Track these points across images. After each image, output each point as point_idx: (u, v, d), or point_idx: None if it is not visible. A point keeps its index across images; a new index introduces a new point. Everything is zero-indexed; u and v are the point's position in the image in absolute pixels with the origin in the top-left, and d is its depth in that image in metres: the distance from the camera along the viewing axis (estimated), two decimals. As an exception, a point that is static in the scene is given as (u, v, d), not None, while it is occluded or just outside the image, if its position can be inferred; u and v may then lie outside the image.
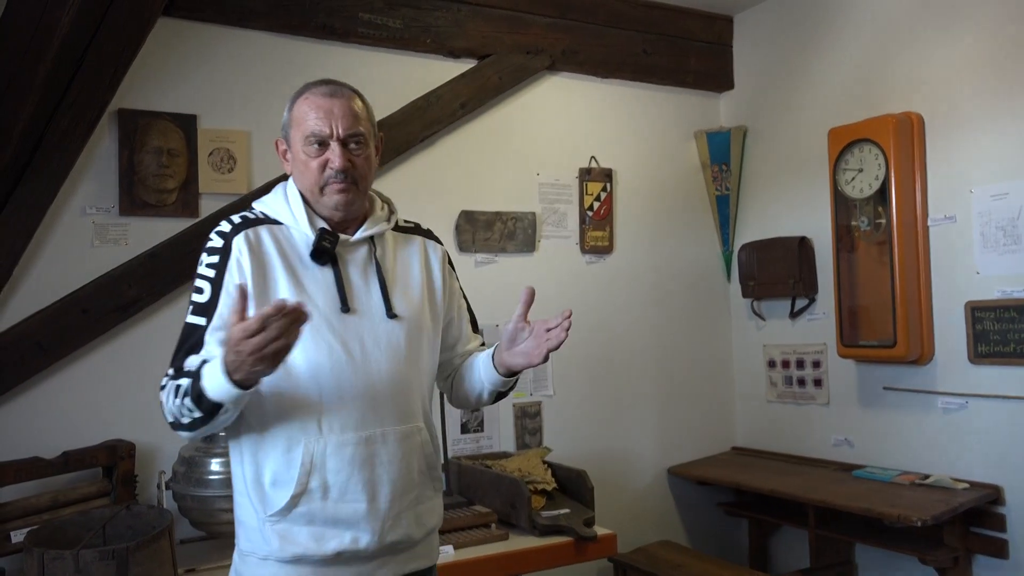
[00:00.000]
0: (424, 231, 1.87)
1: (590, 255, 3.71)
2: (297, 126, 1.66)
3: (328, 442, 1.58)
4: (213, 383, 1.43)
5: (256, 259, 1.61)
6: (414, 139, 3.25)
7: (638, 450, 3.79)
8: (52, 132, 2.57)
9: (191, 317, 1.59)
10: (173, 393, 1.50)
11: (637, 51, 3.81)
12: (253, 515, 1.61)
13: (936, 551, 2.94)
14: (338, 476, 1.58)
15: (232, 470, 1.69)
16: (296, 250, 1.66)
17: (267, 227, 1.66)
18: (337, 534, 1.58)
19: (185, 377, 1.49)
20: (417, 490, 1.68)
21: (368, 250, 1.71)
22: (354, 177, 1.65)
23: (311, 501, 1.57)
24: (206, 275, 1.61)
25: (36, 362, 2.61)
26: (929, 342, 3.16)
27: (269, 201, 1.72)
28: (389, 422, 1.63)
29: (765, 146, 3.90)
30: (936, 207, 3.16)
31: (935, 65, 3.17)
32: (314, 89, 1.67)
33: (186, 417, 1.49)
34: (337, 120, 1.64)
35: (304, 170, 1.66)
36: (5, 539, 2.30)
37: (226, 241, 1.62)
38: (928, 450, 3.20)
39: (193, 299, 1.60)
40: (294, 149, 1.68)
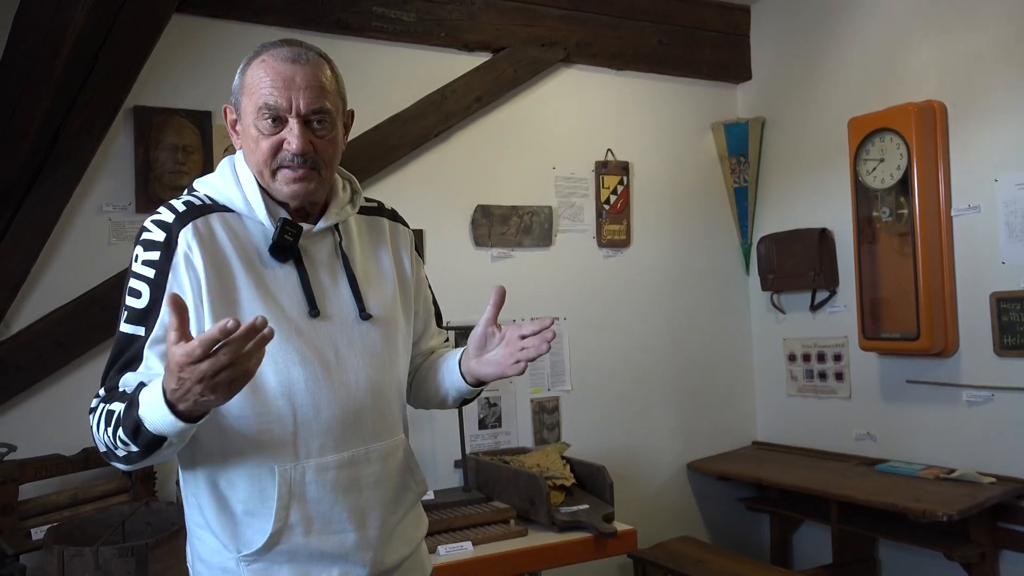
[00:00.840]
0: (389, 211, 1.62)
1: (607, 249, 3.68)
2: (249, 94, 1.36)
3: (307, 467, 1.35)
4: (152, 413, 1.15)
5: (210, 256, 1.34)
6: (429, 133, 3.23)
7: (657, 445, 3.76)
8: (68, 130, 2.57)
9: (125, 326, 1.31)
10: (104, 420, 1.23)
11: (652, 42, 3.78)
12: (222, 553, 1.37)
13: (962, 546, 2.89)
14: (320, 506, 1.36)
15: (185, 500, 1.43)
16: (252, 243, 1.39)
17: (218, 215, 1.39)
18: (324, 570, 1.37)
19: (118, 401, 1.23)
20: (404, 507, 1.50)
21: (332, 241, 1.47)
22: (315, 162, 1.38)
23: (292, 537, 1.35)
24: (143, 274, 1.33)
25: (55, 360, 2.62)
26: (953, 334, 3.11)
27: (215, 183, 1.43)
28: (371, 438, 1.42)
29: (784, 137, 3.85)
30: (960, 197, 3.10)
31: (958, 52, 3.12)
32: (273, 51, 1.37)
33: (120, 450, 1.22)
34: (299, 92, 1.34)
35: (254, 148, 1.37)
36: (26, 536, 2.30)
37: (169, 234, 1.34)
38: (953, 444, 3.15)
39: (128, 303, 1.32)
40: (244, 121, 1.39)
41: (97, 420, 1.26)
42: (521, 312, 3.46)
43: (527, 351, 1.44)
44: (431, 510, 2.78)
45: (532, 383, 3.47)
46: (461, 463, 3.17)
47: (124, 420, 1.20)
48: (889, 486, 3.02)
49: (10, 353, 2.55)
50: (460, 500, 2.89)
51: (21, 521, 2.32)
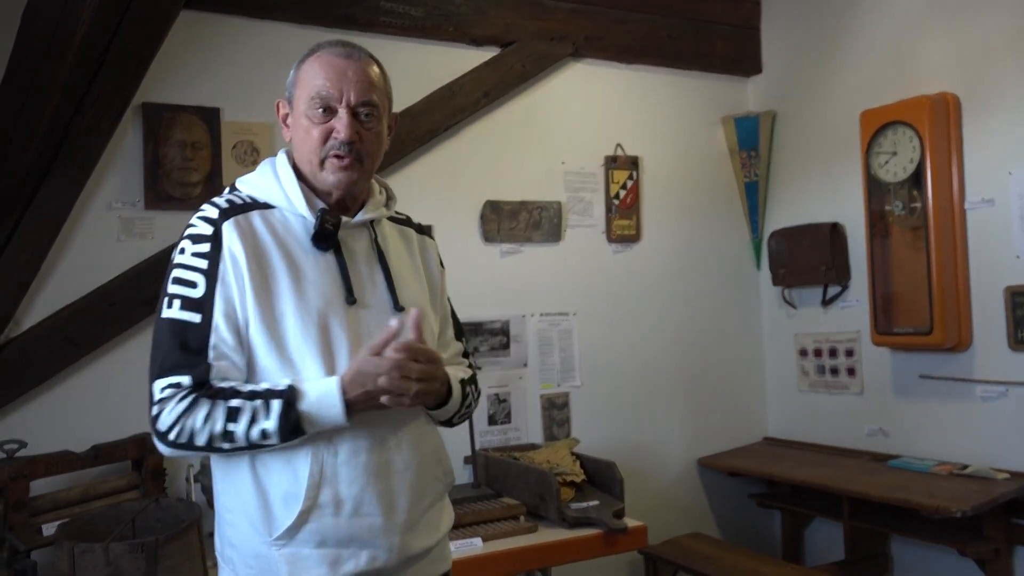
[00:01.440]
0: (416, 225, 1.72)
1: (617, 244, 3.67)
2: (303, 86, 1.48)
3: (340, 450, 1.41)
4: (323, 413, 1.35)
5: (251, 249, 1.43)
6: (438, 128, 3.22)
7: (667, 441, 3.75)
8: (77, 127, 2.57)
9: (180, 313, 1.40)
10: (224, 415, 1.35)
11: (662, 36, 3.75)
12: (254, 537, 1.42)
13: (976, 543, 2.87)
14: (352, 488, 1.41)
15: (217, 487, 1.51)
16: (293, 235, 1.48)
17: (258, 212, 1.48)
18: (352, 554, 1.42)
19: (241, 398, 1.35)
20: (431, 496, 1.54)
21: (369, 237, 1.56)
22: (360, 153, 1.47)
23: (321, 517, 1.40)
24: (196, 266, 1.42)
25: (65, 356, 2.62)
26: (967, 328, 3.08)
27: (255, 180, 1.53)
28: (403, 425, 1.48)
29: (795, 131, 3.82)
30: (974, 190, 3.07)
31: (971, 44, 3.08)
32: (328, 49, 1.49)
33: (229, 442, 1.35)
34: (350, 84, 1.45)
35: (304, 137, 1.48)
36: (36, 532, 2.31)
37: (215, 228, 1.44)
38: (966, 439, 3.12)
39: (179, 292, 1.41)
40: (296, 113, 1.50)
41: (202, 415, 1.35)
42: (531, 308, 3.45)
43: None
44: (441, 506, 2.78)
45: (542, 379, 3.46)
46: (471, 459, 3.17)
47: (280, 419, 1.34)
48: (902, 482, 3.00)
49: (20, 350, 2.56)
50: (470, 496, 2.89)
51: (32, 517, 2.33)
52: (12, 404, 2.57)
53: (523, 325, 3.43)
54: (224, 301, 1.41)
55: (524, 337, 3.43)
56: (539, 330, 3.47)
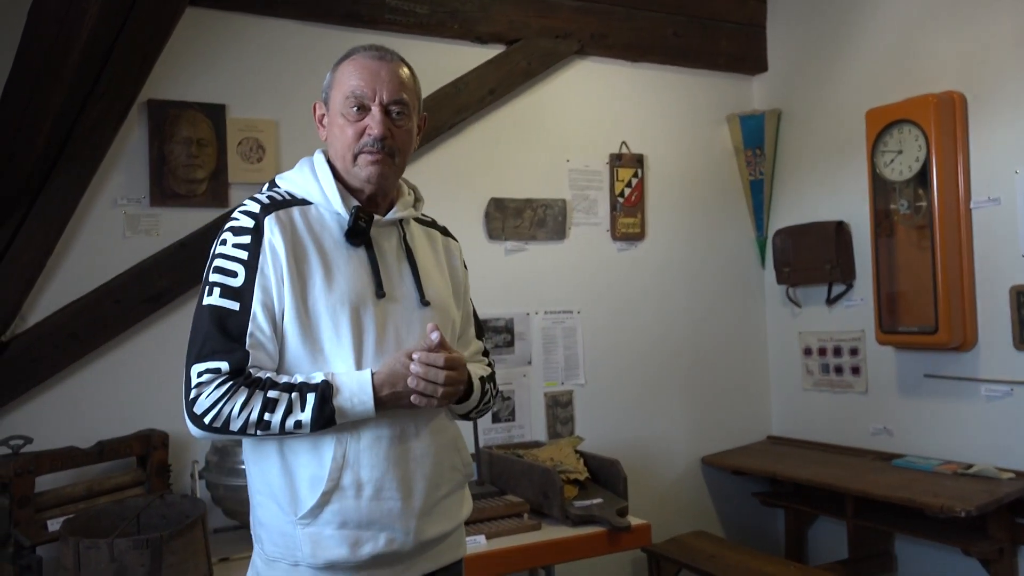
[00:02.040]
0: (440, 228, 1.82)
1: (621, 242, 3.66)
2: (339, 86, 1.58)
3: (363, 437, 1.50)
4: (356, 407, 1.44)
5: (290, 243, 1.52)
6: (443, 126, 3.22)
7: (671, 439, 3.74)
8: (82, 124, 2.57)
9: (220, 300, 1.48)
10: (262, 405, 1.43)
11: (667, 34, 3.75)
12: (280, 517, 1.51)
13: (980, 542, 2.86)
14: (373, 473, 1.50)
15: (249, 469, 1.60)
16: (328, 230, 1.57)
17: (297, 208, 1.57)
18: (371, 536, 1.50)
19: (277, 391, 1.44)
20: (448, 484, 1.62)
21: (398, 235, 1.65)
22: (391, 149, 1.56)
23: (343, 499, 1.48)
24: (237, 256, 1.50)
25: (70, 352, 2.63)
26: (972, 328, 3.07)
27: (294, 177, 1.63)
28: (422, 416, 1.56)
29: (800, 129, 3.81)
30: (979, 189, 3.06)
31: (977, 42, 3.07)
32: (363, 52, 1.59)
33: (263, 430, 1.44)
34: (382, 84, 1.55)
35: (339, 135, 1.57)
36: (42, 528, 2.32)
37: (257, 221, 1.52)
38: (971, 439, 3.12)
39: (220, 281, 1.49)
40: (332, 112, 1.59)
41: (240, 402, 1.43)
42: (535, 305, 3.45)
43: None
44: (444, 503, 2.78)
45: (546, 376, 3.46)
46: (474, 456, 3.17)
47: (315, 412, 1.43)
48: (906, 481, 2.99)
49: (26, 346, 2.57)
50: (473, 493, 2.85)
51: (37, 513, 2.33)
52: (18, 400, 2.58)
53: (527, 323, 3.43)
54: (262, 291, 1.49)
55: (528, 335, 3.43)
56: (543, 328, 3.47)
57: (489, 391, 1.71)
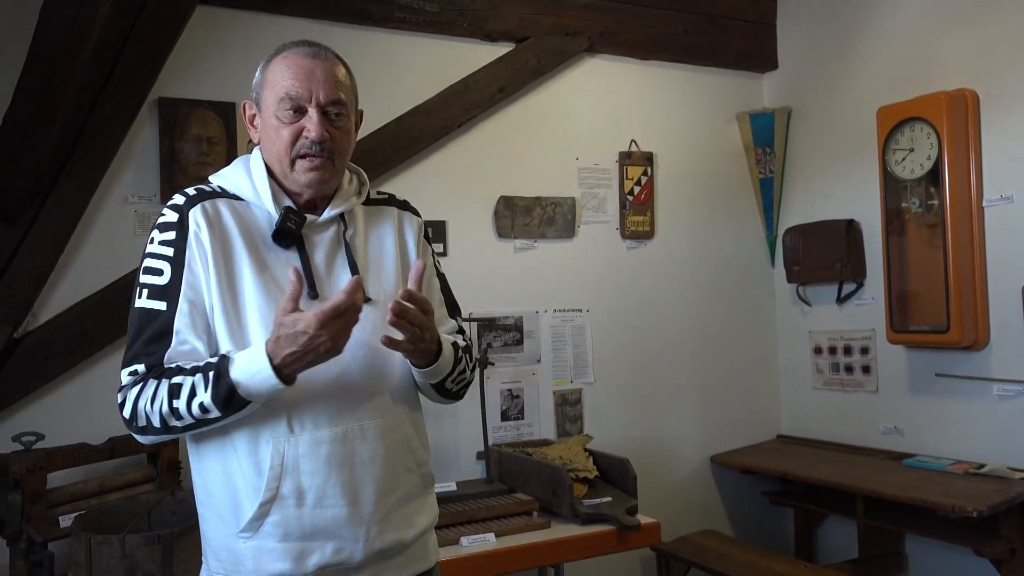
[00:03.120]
0: (399, 202, 1.68)
1: (631, 240, 3.66)
2: (271, 87, 1.47)
3: (300, 441, 1.40)
4: (253, 378, 1.32)
5: (216, 235, 1.44)
6: (452, 124, 3.22)
7: (680, 438, 3.74)
8: (93, 122, 2.59)
9: (147, 302, 1.41)
10: (168, 393, 1.35)
11: (677, 31, 3.74)
12: (222, 530, 1.43)
13: (992, 543, 2.84)
14: (314, 479, 1.40)
15: (193, 480, 1.51)
16: (258, 228, 1.48)
17: (225, 201, 1.49)
18: (318, 546, 1.41)
19: (181, 376, 1.35)
20: (404, 488, 1.51)
21: (337, 230, 1.54)
22: (331, 151, 1.47)
23: (284, 508, 1.39)
24: (162, 254, 1.43)
25: (82, 349, 2.64)
26: (984, 327, 3.05)
27: (228, 174, 1.54)
28: (367, 416, 1.45)
29: (810, 127, 3.80)
30: (992, 187, 3.04)
31: (991, 40, 3.05)
32: (294, 49, 1.49)
33: (178, 420, 1.35)
34: (318, 83, 1.46)
35: (274, 138, 1.47)
36: (54, 524, 2.33)
37: (181, 215, 1.44)
38: (983, 438, 3.10)
39: (146, 281, 1.42)
40: (264, 114, 1.49)
41: (150, 396, 1.36)
42: (544, 304, 3.45)
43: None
44: (453, 501, 2.78)
45: (555, 375, 3.46)
46: (483, 455, 3.17)
47: (212, 389, 1.32)
48: (917, 481, 2.98)
49: (37, 343, 2.58)
50: (483, 492, 2.89)
51: (49, 509, 2.35)
52: (30, 397, 2.59)
53: (536, 321, 3.43)
54: (189, 287, 1.42)
55: (537, 333, 3.43)
56: (552, 326, 3.46)
57: (464, 359, 1.60)
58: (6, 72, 2.45)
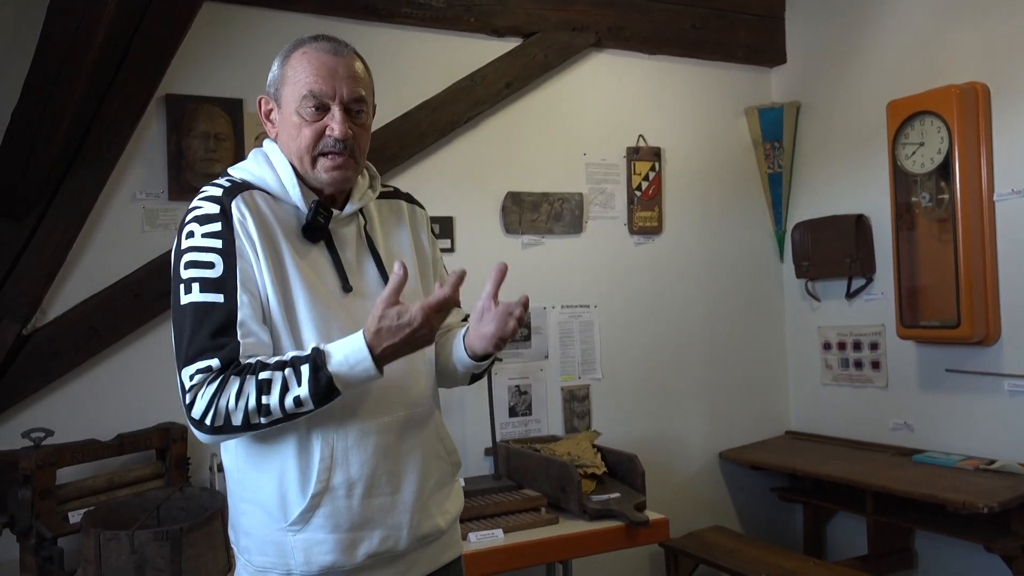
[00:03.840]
0: (404, 195, 1.70)
1: (639, 236, 3.64)
2: (292, 83, 1.45)
3: (349, 433, 1.42)
4: (355, 369, 1.32)
5: (260, 226, 1.42)
6: (459, 120, 3.21)
7: (689, 434, 3.73)
8: (101, 119, 2.60)
9: (201, 295, 1.36)
10: (256, 389, 1.32)
11: (685, 26, 3.72)
12: (268, 524, 1.43)
13: (1002, 539, 2.83)
14: (364, 469, 1.43)
15: (231, 475, 1.51)
16: (287, 222, 1.47)
17: (259, 192, 1.46)
18: (366, 536, 1.44)
19: (270, 371, 1.33)
20: (437, 475, 1.55)
21: (358, 225, 1.55)
22: (352, 149, 1.46)
23: (334, 500, 1.41)
24: (210, 246, 1.39)
25: (90, 346, 2.65)
26: (995, 322, 3.03)
27: (250, 168, 1.51)
28: (405, 407, 1.50)
29: (819, 122, 3.78)
30: (1003, 181, 3.02)
31: (1002, 33, 3.02)
32: (314, 44, 1.48)
33: (265, 416, 1.33)
34: (341, 81, 1.44)
35: (295, 135, 1.46)
36: (63, 519, 2.34)
37: (222, 206, 1.41)
38: (994, 434, 3.08)
39: (195, 275, 1.37)
40: (284, 110, 1.48)
41: (234, 393, 1.32)
42: (552, 300, 3.44)
43: (509, 327, 1.48)
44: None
45: (563, 371, 3.45)
46: (491, 451, 3.17)
47: (311, 384, 1.31)
48: (927, 477, 2.96)
49: (47, 339, 2.59)
50: (491, 487, 2.89)
51: (59, 505, 2.36)
52: (39, 393, 2.60)
53: (544, 317, 3.42)
54: (246, 277, 1.39)
55: (545, 329, 3.42)
56: (560, 322, 3.46)
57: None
58: (14, 70, 2.45)
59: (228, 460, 1.52)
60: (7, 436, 2.52)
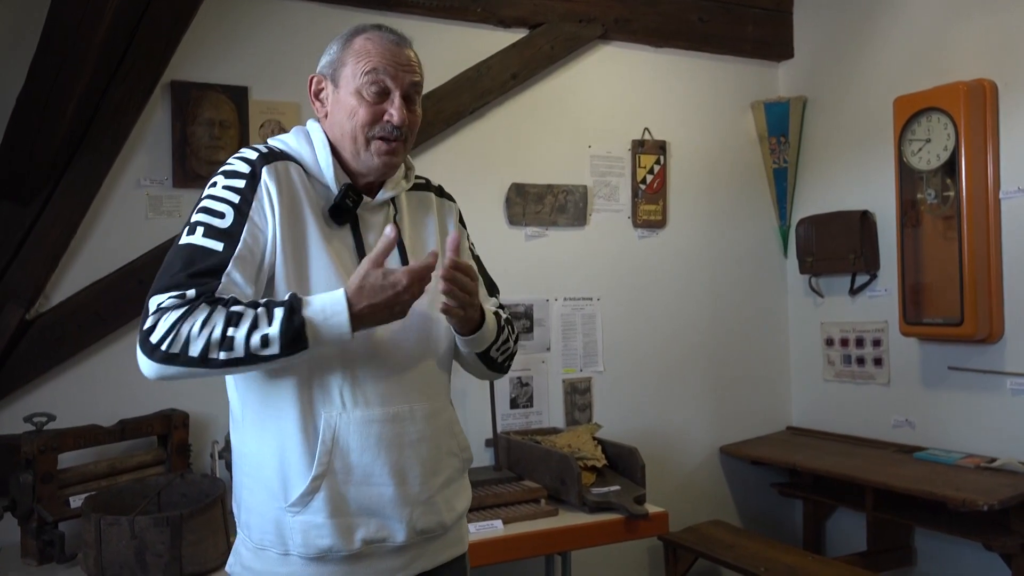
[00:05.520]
0: (436, 188, 1.71)
1: (642, 229, 3.64)
2: (355, 63, 1.47)
3: (352, 418, 1.41)
4: (326, 323, 1.30)
5: (285, 197, 1.42)
6: (464, 110, 3.21)
7: (690, 428, 3.73)
8: (106, 105, 2.60)
9: (201, 239, 1.36)
10: (224, 320, 1.28)
11: (692, 19, 3.70)
12: (269, 503, 1.44)
13: (1002, 537, 2.82)
14: (362, 457, 1.42)
15: (236, 449, 1.52)
16: (316, 201, 1.47)
17: (294, 165, 1.47)
18: (363, 522, 1.43)
19: (241, 307, 1.30)
20: (447, 471, 1.54)
21: (387, 214, 1.56)
22: (406, 137, 1.50)
23: (333, 484, 1.41)
24: (227, 199, 1.40)
25: (94, 331, 2.66)
26: (999, 320, 3.03)
27: (289, 141, 1.52)
28: (415, 398, 1.48)
29: (826, 117, 3.76)
30: (1009, 179, 3.01)
31: (1009, 29, 3.01)
32: (378, 31, 1.50)
33: (225, 351, 1.28)
34: (404, 69, 1.48)
35: (352, 115, 1.46)
36: (64, 504, 2.35)
37: (253, 168, 1.42)
38: (995, 432, 3.07)
39: (203, 220, 1.38)
40: (342, 91, 1.48)
41: (201, 319, 1.29)
42: (555, 292, 3.44)
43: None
44: (462, 488, 2.78)
45: (564, 363, 3.45)
46: (492, 442, 3.18)
47: (283, 323, 1.29)
48: (927, 474, 2.96)
49: (50, 325, 2.59)
50: (491, 479, 2.90)
51: (60, 489, 2.36)
52: (42, 378, 2.61)
53: (547, 309, 3.42)
54: (251, 237, 1.39)
55: (547, 321, 3.42)
56: (563, 314, 3.46)
57: (507, 328, 1.64)
58: (19, 55, 2.45)
59: (235, 437, 1.53)
60: (9, 420, 2.53)
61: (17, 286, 2.54)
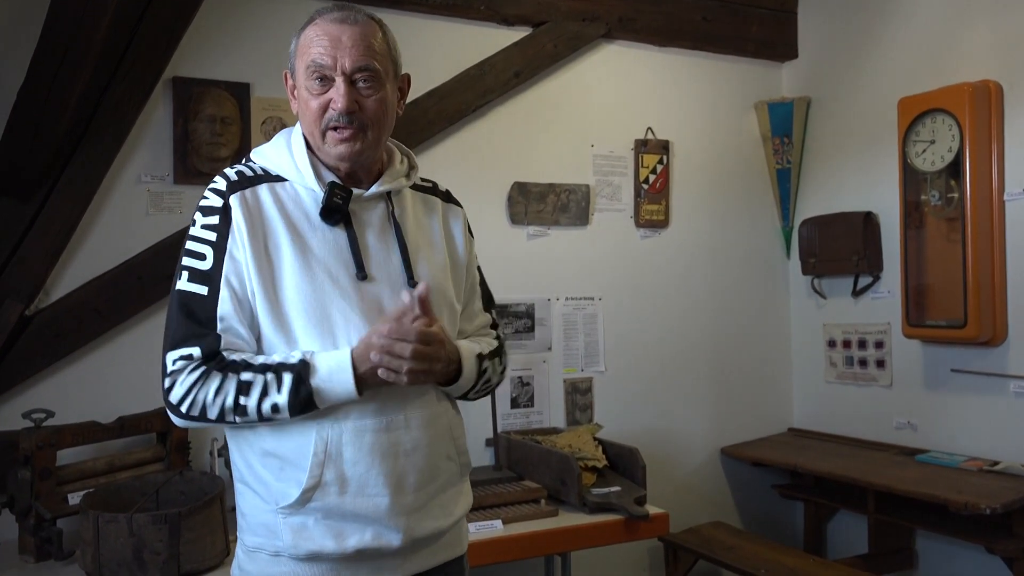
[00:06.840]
0: (443, 192, 1.67)
1: (645, 229, 3.63)
2: (301, 56, 1.43)
3: (344, 429, 1.39)
4: (335, 387, 1.34)
5: (255, 225, 1.41)
6: (467, 109, 3.20)
7: (691, 429, 3.72)
8: (108, 101, 2.59)
9: (189, 284, 1.40)
10: (233, 390, 1.35)
11: (696, 18, 3.69)
12: (261, 507, 1.43)
13: (1004, 541, 2.81)
14: (356, 468, 1.39)
15: (231, 456, 1.52)
16: (302, 209, 1.45)
17: (267, 186, 1.45)
18: (358, 530, 1.40)
19: (252, 372, 1.35)
20: (443, 477, 1.51)
21: (385, 209, 1.51)
22: (361, 122, 1.42)
23: (326, 496, 1.39)
24: (205, 238, 1.41)
25: (93, 328, 2.65)
26: (1002, 323, 3.01)
27: (269, 152, 1.51)
28: (412, 406, 1.45)
29: (830, 117, 3.75)
30: (1014, 181, 2.99)
31: (1015, 31, 2.99)
32: (325, 15, 1.43)
33: (240, 416, 1.35)
34: (344, 51, 1.39)
35: (305, 109, 1.44)
36: (62, 501, 2.34)
37: (224, 200, 1.43)
38: (998, 435, 3.06)
39: (189, 264, 1.41)
40: (299, 86, 1.46)
41: (214, 388, 1.36)
42: (556, 291, 3.43)
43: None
44: (462, 487, 2.77)
45: (566, 363, 3.44)
46: (492, 442, 3.17)
47: (291, 395, 1.33)
48: (929, 477, 2.95)
49: (49, 320, 2.59)
50: (491, 479, 2.89)
51: (58, 486, 2.36)
52: (41, 374, 2.60)
53: (548, 309, 3.41)
54: (233, 274, 1.40)
55: (549, 321, 3.41)
56: (564, 314, 3.45)
57: (489, 369, 1.58)
58: (20, 49, 2.44)
59: (231, 444, 1.51)
60: (8, 416, 2.52)
61: (17, 282, 2.53)
